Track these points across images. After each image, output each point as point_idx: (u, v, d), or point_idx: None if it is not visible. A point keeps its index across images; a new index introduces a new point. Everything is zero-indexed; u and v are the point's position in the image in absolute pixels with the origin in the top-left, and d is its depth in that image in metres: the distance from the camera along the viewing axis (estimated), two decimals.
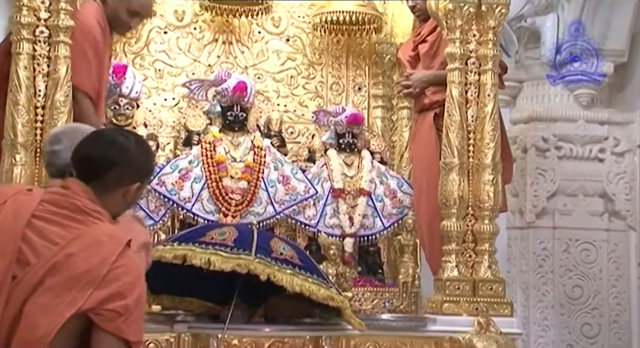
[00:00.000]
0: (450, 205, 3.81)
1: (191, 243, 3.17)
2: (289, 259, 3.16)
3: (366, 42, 4.76)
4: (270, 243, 3.21)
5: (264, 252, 3.13)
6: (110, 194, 2.16)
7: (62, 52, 3.46)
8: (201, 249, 3.13)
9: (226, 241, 3.15)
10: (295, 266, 3.14)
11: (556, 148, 4.96)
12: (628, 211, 4.99)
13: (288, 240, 3.55)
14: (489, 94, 3.87)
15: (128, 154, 2.18)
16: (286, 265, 3.13)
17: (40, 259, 1.97)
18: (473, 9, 3.85)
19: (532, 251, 4.91)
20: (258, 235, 3.22)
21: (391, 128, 4.73)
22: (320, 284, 3.16)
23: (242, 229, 3.28)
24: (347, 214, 4.38)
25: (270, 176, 4.29)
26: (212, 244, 3.14)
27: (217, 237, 3.18)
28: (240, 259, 3.07)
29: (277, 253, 3.15)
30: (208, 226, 3.56)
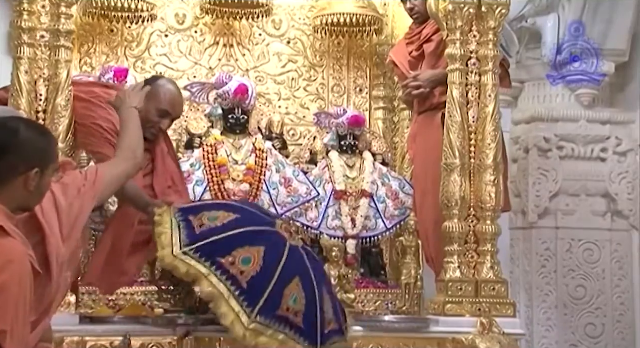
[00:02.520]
0: (452, 206, 3.80)
1: (211, 262, 3.01)
2: (291, 318, 3.03)
3: (367, 44, 4.77)
4: (285, 291, 3.04)
5: (271, 308, 3.01)
6: (7, 185, 2.08)
7: (63, 56, 3.48)
8: (215, 279, 2.99)
9: (244, 276, 2.99)
10: (293, 328, 3.03)
11: (558, 148, 4.95)
12: (631, 211, 4.98)
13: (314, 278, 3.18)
14: (490, 95, 3.86)
15: (18, 138, 2.08)
16: (283, 327, 3.02)
17: None
18: (473, 10, 3.85)
19: (535, 251, 4.91)
20: (281, 273, 3.04)
21: (393, 129, 4.74)
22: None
23: (269, 260, 3.06)
24: (349, 216, 4.38)
25: (272, 178, 4.29)
26: (229, 276, 2.99)
27: (240, 265, 3.01)
28: (239, 320, 2.98)
29: (283, 308, 3.03)
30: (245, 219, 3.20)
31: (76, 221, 2.35)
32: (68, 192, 2.35)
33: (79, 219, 2.37)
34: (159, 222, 3.15)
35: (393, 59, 4.39)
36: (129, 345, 3.34)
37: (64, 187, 2.36)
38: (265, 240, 3.13)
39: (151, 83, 3.51)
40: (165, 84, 3.58)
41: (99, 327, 3.45)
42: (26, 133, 2.12)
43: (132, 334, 3.37)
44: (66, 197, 2.34)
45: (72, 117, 3.45)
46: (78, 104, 3.45)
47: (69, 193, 2.35)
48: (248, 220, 3.20)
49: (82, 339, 3.36)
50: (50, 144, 2.23)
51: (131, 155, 2.69)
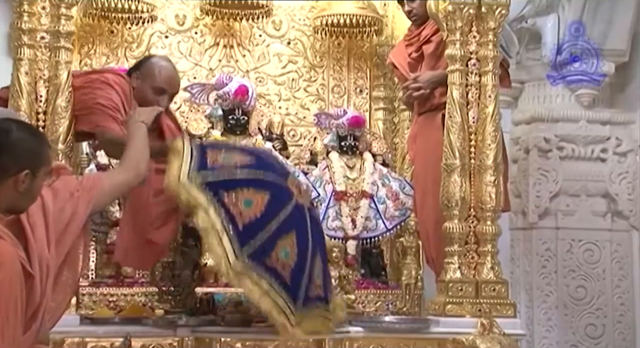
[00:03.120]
0: (452, 206, 3.80)
1: (213, 193, 2.97)
2: (279, 270, 3.02)
3: (367, 45, 4.77)
4: (278, 242, 3.04)
5: (261, 254, 3.01)
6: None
7: (63, 57, 3.47)
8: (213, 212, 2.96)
9: (243, 217, 2.98)
10: (278, 280, 3.02)
11: (558, 148, 4.96)
12: (631, 211, 4.98)
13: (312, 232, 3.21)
14: (490, 95, 3.86)
15: (9, 139, 2.08)
16: (269, 277, 3.00)
17: None
18: (473, 11, 3.85)
19: (535, 252, 4.91)
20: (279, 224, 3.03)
21: (393, 130, 4.74)
22: (283, 311, 3.03)
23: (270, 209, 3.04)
24: (349, 217, 4.38)
25: None
26: (227, 213, 2.97)
27: (242, 206, 2.99)
28: (226, 258, 2.97)
29: (273, 259, 3.03)
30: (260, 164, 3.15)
31: (68, 226, 2.35)
32: (58, 195, 2.35)
33: (71, 224, 2.36)
34: (173, 149, 3.12)
35: (392, 61, 4.39)
36: (129, 346, 3.34)
37: (54, 191, 2.35)
38: (272, 189, 3.11)
39: (143, 62, 3.52)
40: (159, 60, 3.58)
41: (99, 328, 3.46)
42: (18, 134, 2.11)
43: (133, 335, 3.37)
44: (56, 201, 2.33)
45: (72, 118, 3.45)
46: (77, 93, 3.44)
47: (59, 197, 2.35)
48: (262, 166, 3.18)
49: (82, 340, 3.37)
50: (42, 146, 2.22)
51: (133, 166, 2.68)
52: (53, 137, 3.41)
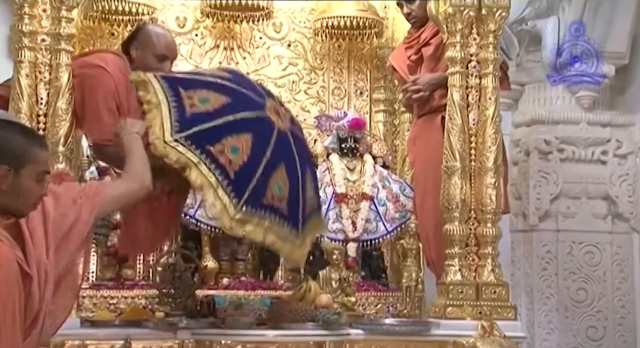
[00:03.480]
0: (452, 208, 3.80)
1: (200, 150, 3.00)
2: (275, 204, 3.12)
3: (367, 47, 4.77)
4: (270, 180, 3.11)
5: (256, 197, 3.07)
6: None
7: (64, 59, 3.46)
8: (205, 168, 2.99)
9: (232, 165, 3.03)
10: (277, 214, 3.13)
11: (558, 150, 4.96)
12: (631, 213, 4.98)
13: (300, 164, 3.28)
14: (490, 98, 3.86)
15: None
16: (268, 214, 3.11)
17: None
18: (473, 13, 3.85)
19: (536, 254, 4.90)
20: (267, 162, 3.10)
21: (393, 132, 4.74)
22: (287, 238, 3.19)
23: (256, 149, 3.09)
24: (350, 219, 4.38)
25: None
26: (217, 164, 3.00)
27: (229, 154, 3.03)
28: (225, 210, 3.02)
29: (268, 197, 3.10)
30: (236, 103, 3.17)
31: (69, 232, 2.35)
32: (60, 201, 2.35)
33: (73, 230, 2.36)
34: (146, 91, 3.11)
35: (392, 64, 4.40)
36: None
37: (56, 196, 2.35)
38: (253, 128, 3.16)
39: (137, 32, 3.52)
40: (154, 28, 3.60)
41: (99, 331, 3.45)
42: (0, 132, 2.12)
43: (133, 338, 3.37)
44: (57, 206, 2.33)
45: (72, 120, 3.45)
46: (76, 80, 3.44)
47: (60, 202, 2.35)
48: (239, 105, 3.19)
49: (82, 343, 3.36)
50: (30, 145, 2.19)
51: (138, 178, 2.68)
52: (54, 140, 3.41)
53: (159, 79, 3.20)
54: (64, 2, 3.48)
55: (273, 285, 4.25)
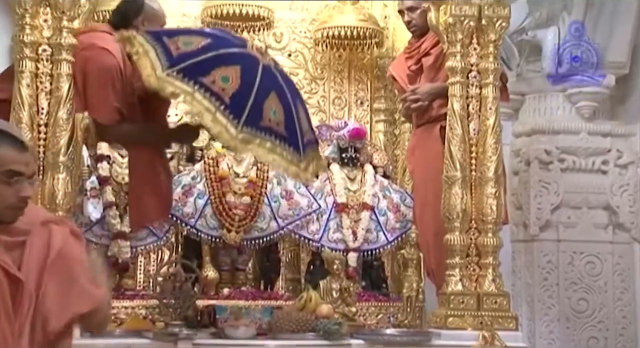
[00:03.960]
0: (453, 218, 3.80)
1: (194, 81, 3.14)
2: (274, 128, 3.23)
3: (368, 57, 4.78)
4: (264, 105, 3.23)
5: (254, 119, 3.18)
6: None
7: (65, 69, 3.47)
8: (200, 96, 3.12)
9: (226, 92, 3.16)
10: (277, 137, 3.23)
11: (559, 160, 4.95)
12: (632, 223, 4.97)
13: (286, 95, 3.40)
14: (491, 107, 3.87)
15: None
16: (269, 136, 3.21)
17: None
18: (473, 23, 3.86)
19: (537, 264, 4.89)
20: (258, 89, 3.23)
21: (394, 142, 4.74)
22: (292, 161, 3.29)
23: (246, 78, 3.22)
24: (350, 229, 4.37)
25: (273, 191, 4.29)
26: (212, 92, 3.14)
27: (221, 83, 3.17)
28: (227, 132, 3.13)
29: (265, 120, 3.21)
30: (217, 43, 3.34)
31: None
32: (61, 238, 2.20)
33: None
34: (132, 45, 3.26)
35: (392, 73, 4.41)
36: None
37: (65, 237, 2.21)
38: (239, 60, 3.29)
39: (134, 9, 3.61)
40: (149, 2, 3.69)
41: (100, 341, 3.44)
42: None
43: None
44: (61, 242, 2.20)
45: (73, 130, 3.46)
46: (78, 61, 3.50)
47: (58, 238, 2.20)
48: (221, 44, 3.34)
49: None
50: (4, 149, 2.11)
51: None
52: (54, 150, 3.42)
53: (143, 33, 3.36)
54: (65, 12, 3.49)
55: (274, 295, 4.24)
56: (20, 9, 3.46)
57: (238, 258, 4.30)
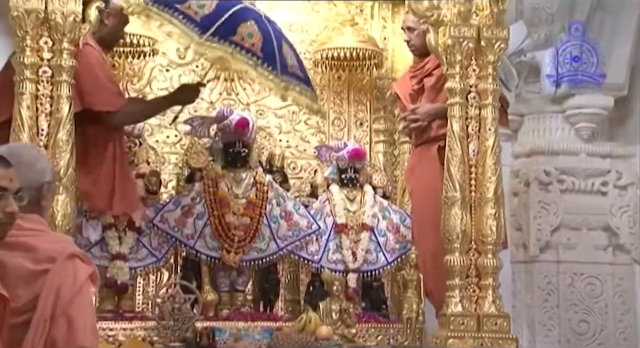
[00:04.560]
0: (453, 239, 3.80)
1: (229, 42, 3.53)
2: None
3: (367, 78, 4.79)
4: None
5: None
6: None
7: (65, 91, 3.49)
8: (238, 54, 3.54)
9: (256, 47, 3.56)
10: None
11: (559, 181, 4.96)
12: (632, 244, 4.97)
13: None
14: (490, 128, 3.88)
15: None
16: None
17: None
18: (472, 45, 3.88)
19: (537, 285, 4.89)
20: (275, 38, 3.64)
21: (393, 163, 4.74)
22: (313, 100, 3.76)
23: (262, 30, 3.63)
24: (350, 249, 4.36)
25: (272, 212, 4.28)
26: (246, 50, 3.53)
27: (247, 38, 3.55)
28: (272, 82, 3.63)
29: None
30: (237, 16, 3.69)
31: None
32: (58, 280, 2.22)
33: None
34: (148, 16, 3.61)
35: (396, 91, 4.43)
36: None
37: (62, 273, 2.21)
38: (249, 14, 3.68)
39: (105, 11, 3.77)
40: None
41: None
42: None
43: None
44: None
45: (72, 151, 3.46)
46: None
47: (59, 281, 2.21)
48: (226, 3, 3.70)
49: None
50: None
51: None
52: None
53: (151, 2, 3.61)
54: (66, 34, 3.50)
55: (273, 317, 4.22)
56: (21, 31, 3.48)
57: (237, 279, 4.28)
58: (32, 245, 2.21)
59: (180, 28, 3.56)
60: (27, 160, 2.31)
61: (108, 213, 4.04)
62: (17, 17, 3.47)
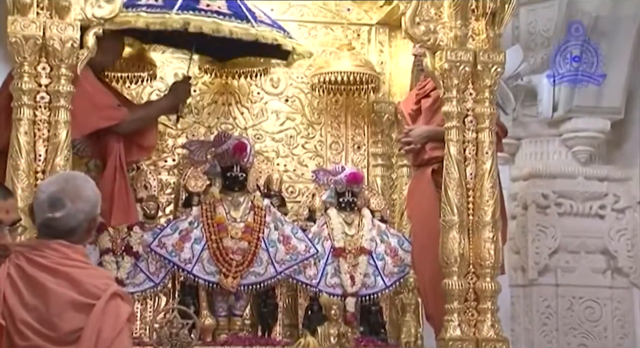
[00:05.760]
0: (451, 263, 3.79)
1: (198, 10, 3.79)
2: (269, 22, 3.80)
3: (364, 102, 4.80)
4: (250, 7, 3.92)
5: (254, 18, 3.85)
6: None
7: (63, 116, 3.49)
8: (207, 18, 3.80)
9: (222, 8, 3.81)
10: (220, 14, 3.81)
11: (556, 204, 4.96)
12: (631, 268, 4.96)
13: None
14: (487, 152, 3.88)
15: None
16: (210, 14, 3.80)
17: None
18: (469, 68, 3.90)
19: (536, 309, 4.87)
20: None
21: (391, 186, 4.74)
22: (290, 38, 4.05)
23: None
24: (348, 273, 4.35)
25: (270, 236, 4.28)
26: (217, 12, 3.80)
27: (211, 2, 3.80)
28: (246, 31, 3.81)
29: (258, 16, 3.86)
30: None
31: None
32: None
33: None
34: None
35: (401, 109, 4.45)
36: None
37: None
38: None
39: None
40: None
41: None
42: None
43: None
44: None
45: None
46: None
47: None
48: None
49: None
50: None
51: None
52: None
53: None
54: (64, 60, 3.52)
55: (271, 341, 4.20)
56: (19, 57, 3.49)
57: (235, 303, 4.27)
58: (76, 278, 2.22)
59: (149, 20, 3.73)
60: (86, 194, 2.33)
61: (105, 237, 4.04)
62: (15, 43, 3.49)
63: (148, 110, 4.23)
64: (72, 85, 3.54)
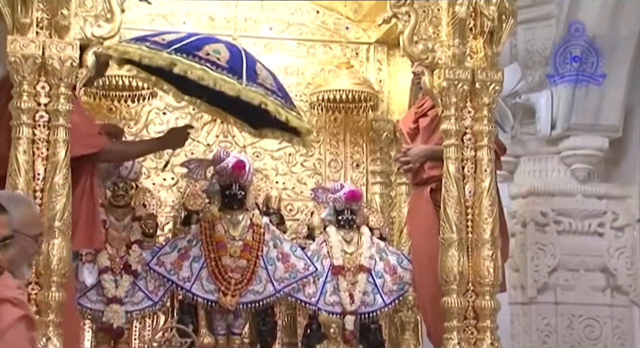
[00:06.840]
0: (450, 281, 3.78)
1: (192, 55, 3.59)
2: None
3: (363, 120, 4.81)
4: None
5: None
6: None
7: (61, 135, 3.49)
8: (199, 65, 3.57)
9: (220, 60, 3.61)
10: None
11: (555, 222, 4.96)
12: (630, 286, 4.95)
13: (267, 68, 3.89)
14: (486, 170, 3.89)
15: None
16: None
17: None
18: (467, 87, 3.91)
19: (535, 327, 4.85)
20: (246, 56, 3.73)
21: (390, 204, 4.74)
22: (290, 109, 3.73)
23: (232, 49, 3.73)
24: (347, 291, 4.34)
25: (269, 254, 4.27)
26: (211, 62, 3.59)
27: (212, 53, 3.64)
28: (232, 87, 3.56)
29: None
30: (204, 39, 3.83)
31: None
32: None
33: None
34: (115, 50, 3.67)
35: (401, 126, 4.46)
36: None
37: None
38: (221, 40, 3.83)
39: None
40: None
41: None
42: None
43: None
44: None
45: (68, 195, 3.46)
46: None
47: None
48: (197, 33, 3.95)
49: None
50: None
51: None
52: (50, 215, 3.42)
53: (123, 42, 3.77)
54: (63, 79, 3.53)
55: None
56: (19, 76, 3.50)
57: (234, 322, 4.26)
58: None
59: (144, 48, 3.63)
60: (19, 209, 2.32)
61: (104, 256, 4.04)
62: (15, 63, 3.50)
63: (133, 145, 4.20)
64: (72, 104, 3.54)
